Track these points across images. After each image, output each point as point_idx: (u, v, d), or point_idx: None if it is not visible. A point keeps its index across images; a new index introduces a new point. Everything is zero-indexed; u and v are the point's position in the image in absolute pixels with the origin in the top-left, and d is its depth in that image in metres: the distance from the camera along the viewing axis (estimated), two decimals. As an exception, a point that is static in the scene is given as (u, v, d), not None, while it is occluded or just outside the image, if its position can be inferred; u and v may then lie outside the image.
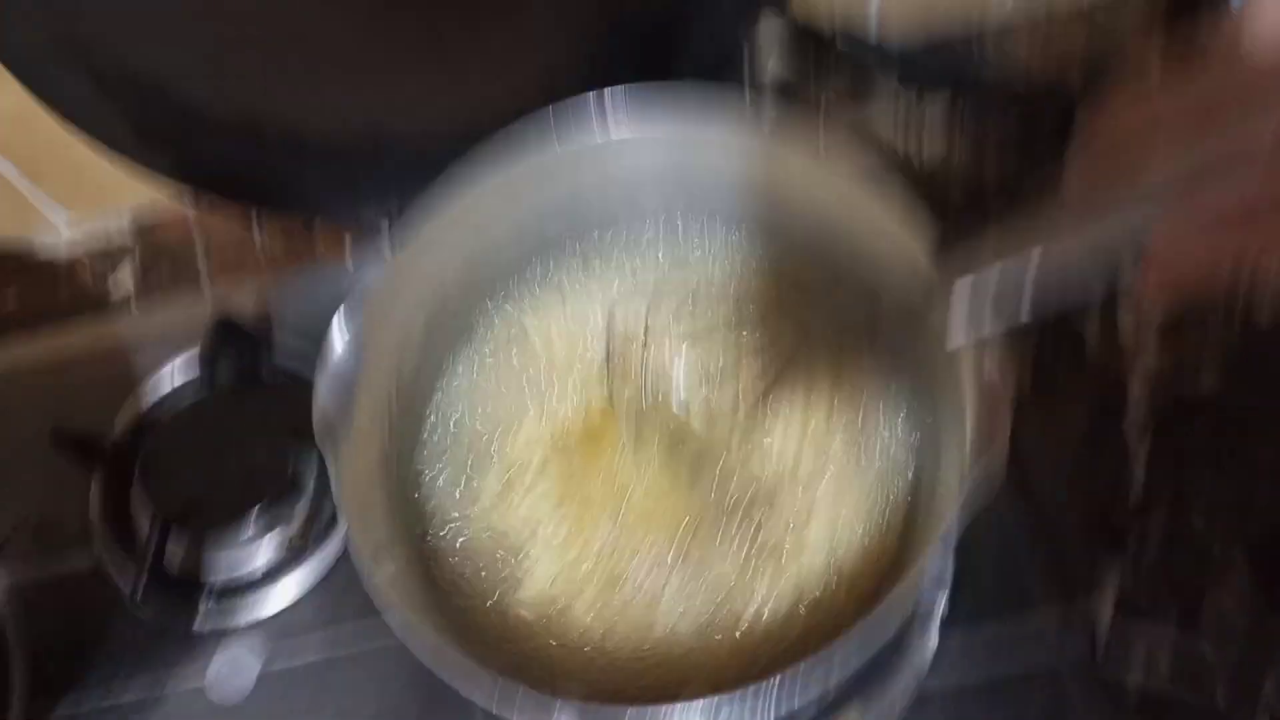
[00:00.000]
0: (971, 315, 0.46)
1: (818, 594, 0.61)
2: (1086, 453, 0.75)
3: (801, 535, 0.62)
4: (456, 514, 0.65)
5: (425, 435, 0.68)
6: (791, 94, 0.87)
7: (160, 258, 0.94)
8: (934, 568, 0.69)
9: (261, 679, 0.73)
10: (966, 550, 0.70)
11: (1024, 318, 0.45)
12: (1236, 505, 0.72)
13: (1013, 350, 0.51)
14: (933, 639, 0.68)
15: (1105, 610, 0.70)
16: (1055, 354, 0.78)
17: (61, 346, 0.90)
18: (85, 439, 0.79)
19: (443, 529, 0.65)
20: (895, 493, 0.63)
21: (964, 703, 0.67)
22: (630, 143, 0.66)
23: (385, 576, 0.54)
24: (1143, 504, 0.73)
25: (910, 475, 0.63)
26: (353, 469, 0.57)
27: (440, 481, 0.66)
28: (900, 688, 0.67)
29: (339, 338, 0.58)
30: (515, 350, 0.70)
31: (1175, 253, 0.40)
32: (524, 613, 0.62)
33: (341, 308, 0.59)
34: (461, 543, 0.64)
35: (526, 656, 0.61)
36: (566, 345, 0.70)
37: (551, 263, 0.72)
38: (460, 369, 0.70)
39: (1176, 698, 0.67)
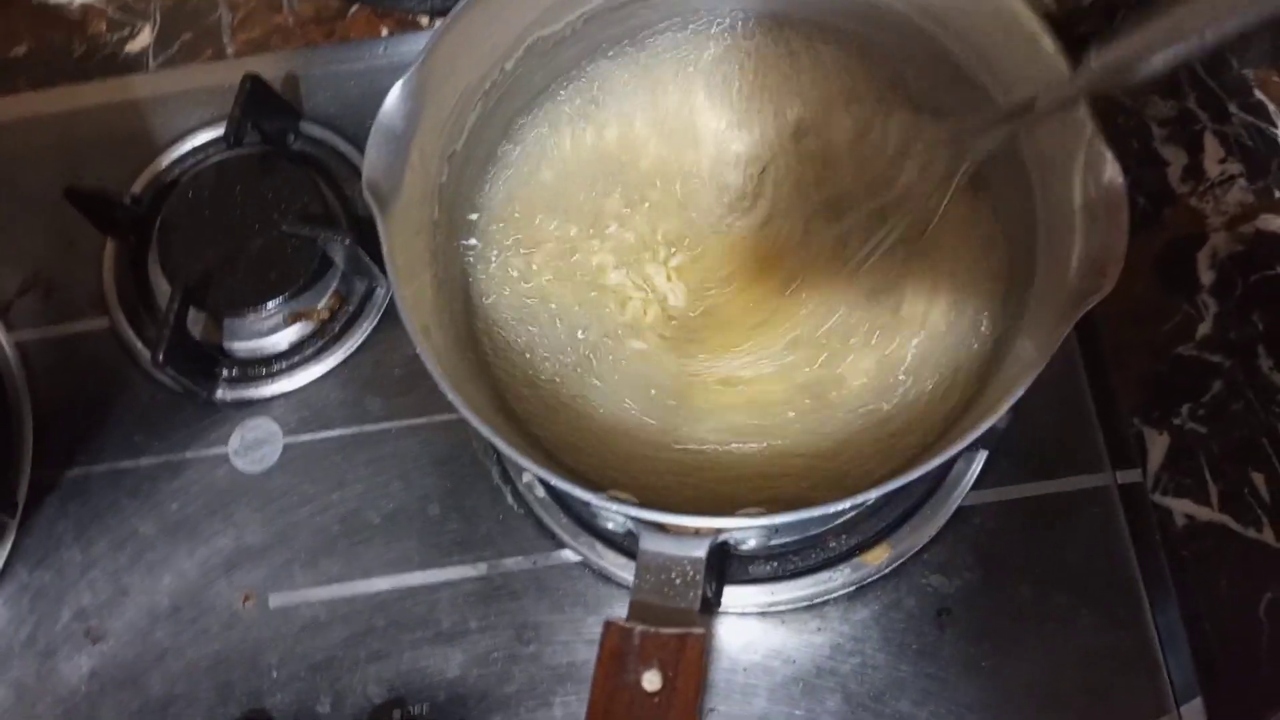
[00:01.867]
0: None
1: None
2: (1158, 283, 0.73)
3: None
4: (505, 289, 0.62)
5: (478, 207, 0.64)
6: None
7: (181, 18, 0.87)
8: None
9: (287, 448, 0.72)
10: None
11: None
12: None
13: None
14: (979, 461, 0.67)
15: (1161, 439, 0.69)
16: (1137, 181, 0.75)
17: (75, 101, 0.84)
18: (101, 197, 0.75)
19: (489, 302, 0.62)
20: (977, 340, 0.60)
21: (1008, 513, 0.67)
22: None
23: (433, 345, 0.52)
24: (1210, 340, 0.71)
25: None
26: (402, 234, 0.54)
27: (490, 256, 0.63)
28: (940, 506, 0.66)
29: (395, 93, 0.54)
30: (579, 128, 0.66)
31: None
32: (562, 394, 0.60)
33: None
34: (506, 318, 0.62)
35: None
36: (632, 131, 0.66)
37: (621, 45, 0.67)
38: (518, 144, 0.66)
39: (1224, 527, 0.67)
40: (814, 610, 0.66)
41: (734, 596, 0.66)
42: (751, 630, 0.66)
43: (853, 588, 0.66)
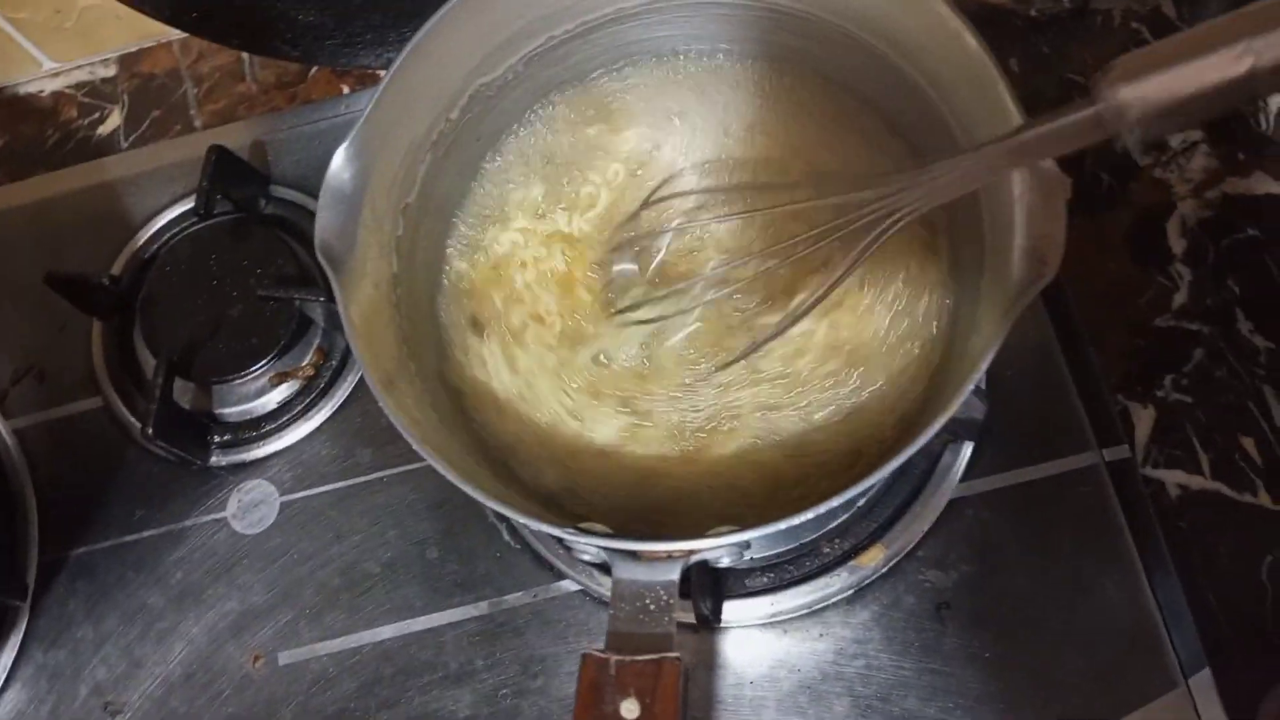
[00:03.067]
0: None
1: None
2: (1129, 258, 0.73)
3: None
4: (470, 328, 0.64)
5: (439, 255, 0.65)
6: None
7: (148, 96, 0.90)
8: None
9: (284, 507, 0.73)
10: (1004, 364, 0.69)
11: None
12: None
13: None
14: (965, 452, 0.67)
15: (1146, 412, 0.69)
16: (1099, 158, 0.75)
17: (53, 188, 0.86)
18: (81, 281, 0.77)
19: (460, 349, 0.63)
20: (933, 328, 0.60)
21: (999, 502, 0.67)
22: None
23: (397, 398, 0.52)
24: (1187, 308, 0.71)
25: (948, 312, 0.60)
26: (360, 291, 0.55)
27: (457, 299, 0.65)
28: (931, 501, 0.66)
29: (340, 154, 0.55)
30: (526, 173, 0.67)
31: None
32: (541, 431, 0.61)
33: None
34: (478, 360, 0.63)
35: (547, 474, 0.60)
36: (579, 172, 0.67)
37: (564, 86, 0.68)
38: (474, 189, 0.67)
39: (1219, 494, 0.67)
40: (815, 617, 0.67)
41: (735, 610, 0.67)
42: (755, 643, 0.67)
43: (851, 591, 0.67)
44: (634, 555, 0.48)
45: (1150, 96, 0.40)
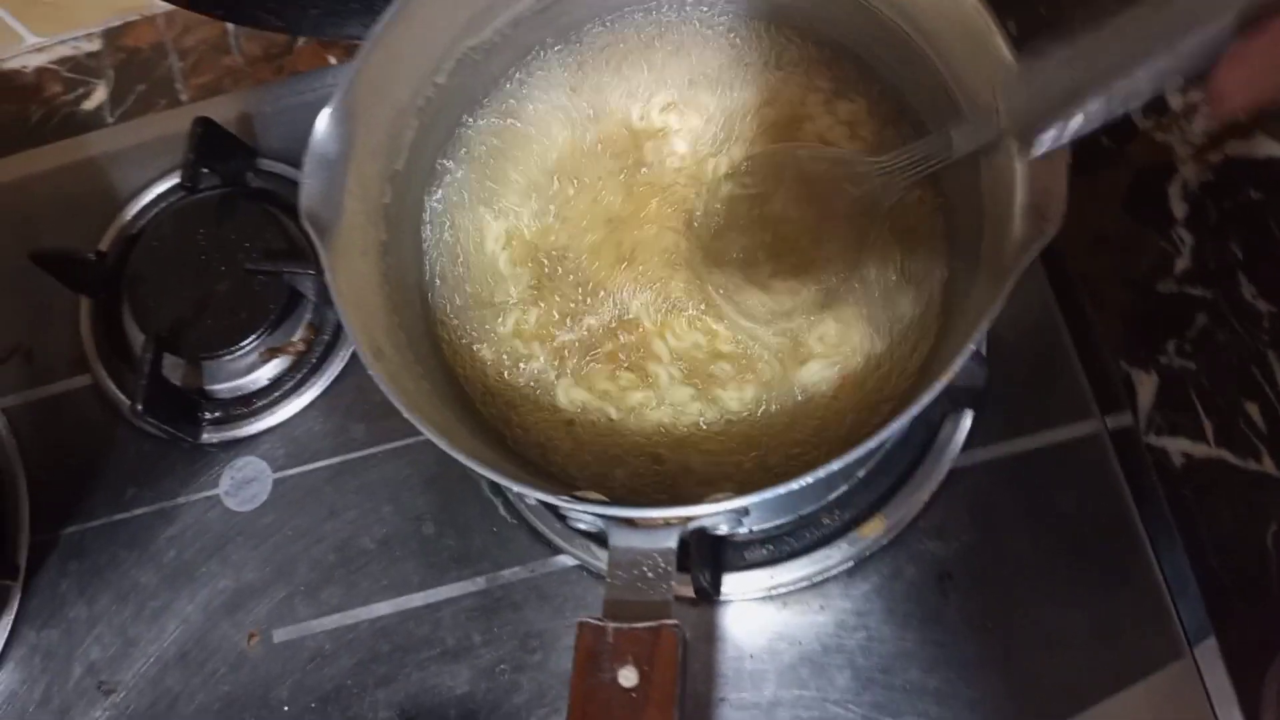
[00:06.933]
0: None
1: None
2: (1130, 222, 0.72)
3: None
4: (463, 300, 0.63)
5: (426, 221, 0.64)
6: None
7: (133, 71, 0.88)
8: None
9: (277, 484, 0.72)
10: (1005, 331, 0.68)
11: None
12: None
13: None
14: (966, 421, 0.66)
15: (1149, 379, 0.68)
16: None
17: (38, 165, 0.85)
18: (68, 257, 0.76)
19: (452, 315, 0.62)
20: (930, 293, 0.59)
21: (1000, 471, 0.66)
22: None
23: (387, 368, 0.52)
24: (1190, 273, 0.70)
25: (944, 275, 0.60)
26: (348, 260, 0.54)
27: (447, 268, 0.64)
28: (931, 471, 0.66)
29: (324, 119, 0.54)
30: (515, 136, 0.65)
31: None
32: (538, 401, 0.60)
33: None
34: (471, 328, 0.62)
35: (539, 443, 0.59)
36: (571, 133, 0.66)
37: (553, 46, 0.67)
38: (461, 153, 0.66)
39: (1223, 461, 0.66)
40: (815, 589, 0.66)
41: (734, 584, 0.66)
42: (755, 616, 0.66)
43: (852, 563, 0.66)
44: (630, 523, 0.47)
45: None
